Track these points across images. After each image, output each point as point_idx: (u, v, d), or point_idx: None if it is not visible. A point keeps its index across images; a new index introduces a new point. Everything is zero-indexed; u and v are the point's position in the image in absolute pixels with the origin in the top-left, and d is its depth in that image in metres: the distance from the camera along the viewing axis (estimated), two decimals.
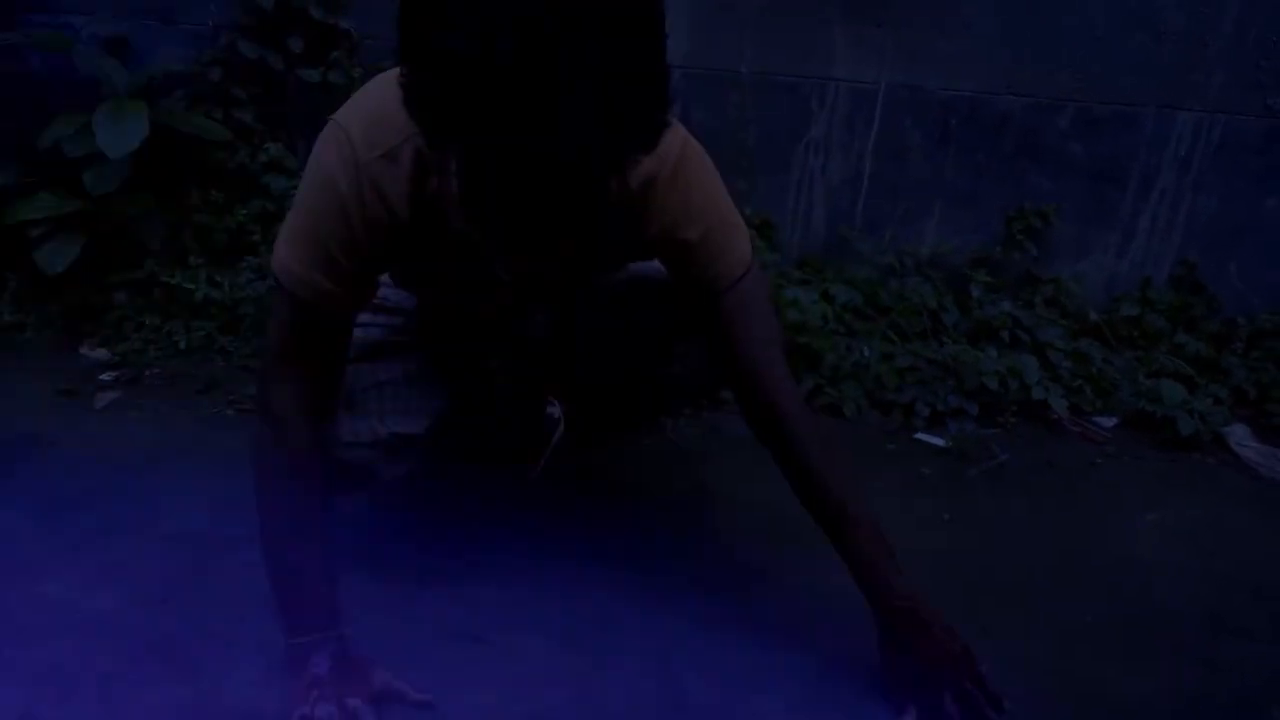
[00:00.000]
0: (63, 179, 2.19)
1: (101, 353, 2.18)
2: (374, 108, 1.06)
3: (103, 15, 2.35)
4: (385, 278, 1.34)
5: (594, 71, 0.76)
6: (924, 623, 1.18)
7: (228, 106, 2.36)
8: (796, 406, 1.27)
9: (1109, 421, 2.16)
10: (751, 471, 1.34)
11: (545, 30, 0.74)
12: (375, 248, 1.10)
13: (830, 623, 1.35)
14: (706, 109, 2.44)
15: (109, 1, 2.37)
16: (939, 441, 2.02)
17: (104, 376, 2.07)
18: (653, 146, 0.87)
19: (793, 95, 2.44)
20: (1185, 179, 2.50)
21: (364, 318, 1.35)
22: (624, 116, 0.80)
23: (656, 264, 1.32)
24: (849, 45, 2.40)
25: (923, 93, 2.44)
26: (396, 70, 0.90)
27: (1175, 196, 2.51)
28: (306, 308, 1.11)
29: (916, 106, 2.45)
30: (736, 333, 1.25)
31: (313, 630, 1.14)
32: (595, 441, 1.75)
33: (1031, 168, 2.50)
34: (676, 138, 1.16)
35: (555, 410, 1.74)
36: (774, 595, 1.45)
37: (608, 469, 1.82)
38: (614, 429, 1.77)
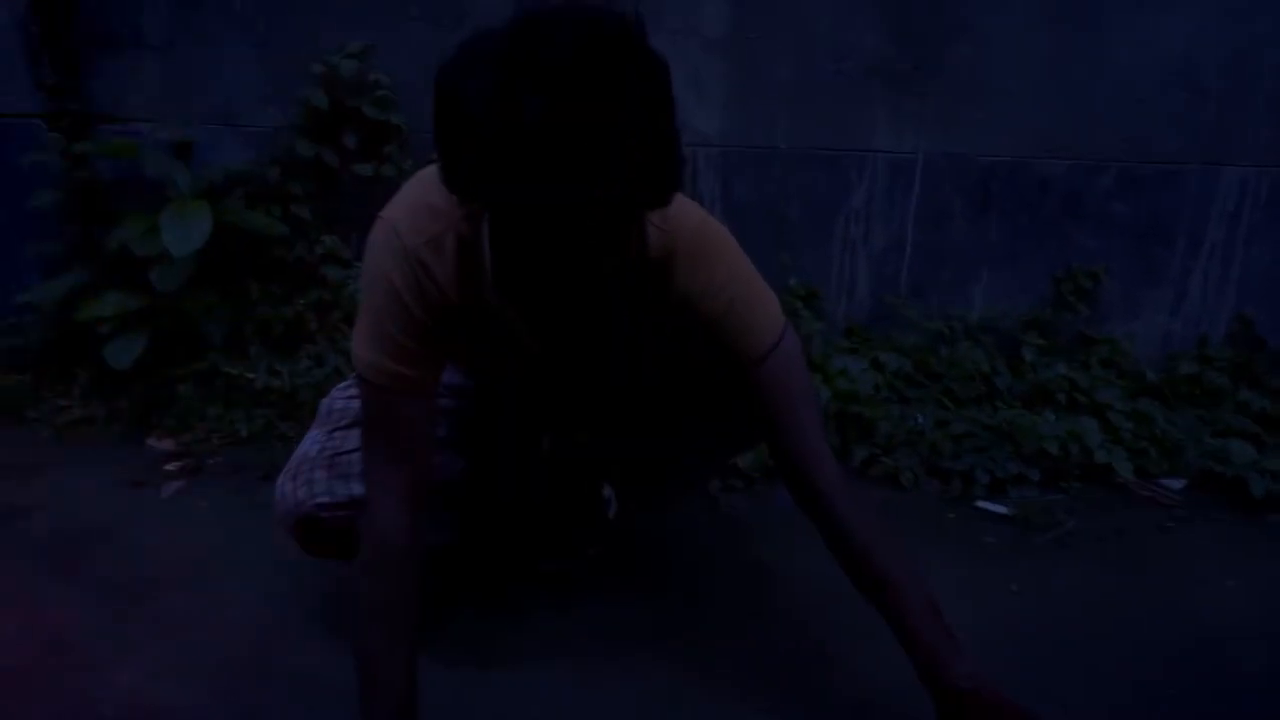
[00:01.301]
0: (129, 277, 2.28)
1: (167, 443, 2.23)
2: (417, 199, 1.14)
3: (168, 122, 2.47)
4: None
5: (614, 127, 0.84)
6: (987, 705, 1.13)
7: (285, 202, 2.45)
8: (838, 481, 1.26)
9: (1177, 484, 2.10)
10: (808, 544, 1.32)
11: (571, 91, 0.82)
12: (435, 328, 1.15)
13: (894, 705, 1.31)
14: (746, 184, 2.48)
15: (175, 109, 2.49)
16: (1001, 509, 1.98)
17: (169, 467, 2.12)
18: (667, 198, 0.95)
19: (832, 168, 2.48)
20: (1236, 234, 2.47)
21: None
22: (640, 169, 0.88)
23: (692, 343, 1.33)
24: (886, 116, 2.44)
25: (962, 159, 2.46)
26: (434, 166, 1.03)
27: (1226, 252, 2.49)
28: (384, 392, 1.16)
29: (956, 173, 2.47)
30: (773, 407, 1.26)
31: (389, 718, 1.13)
32: (644, 509, 1.76)
33: (1076, 229, 2.50)
34: (695, 212, 1.21)
35: (608, 494, 1.76)
36: (835, 676, 1.42)
37: (663, 546, 1.81)
38: (657, 500, 1.78)
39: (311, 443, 1.39)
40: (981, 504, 2.00)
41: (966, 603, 1.61)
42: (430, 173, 1.12)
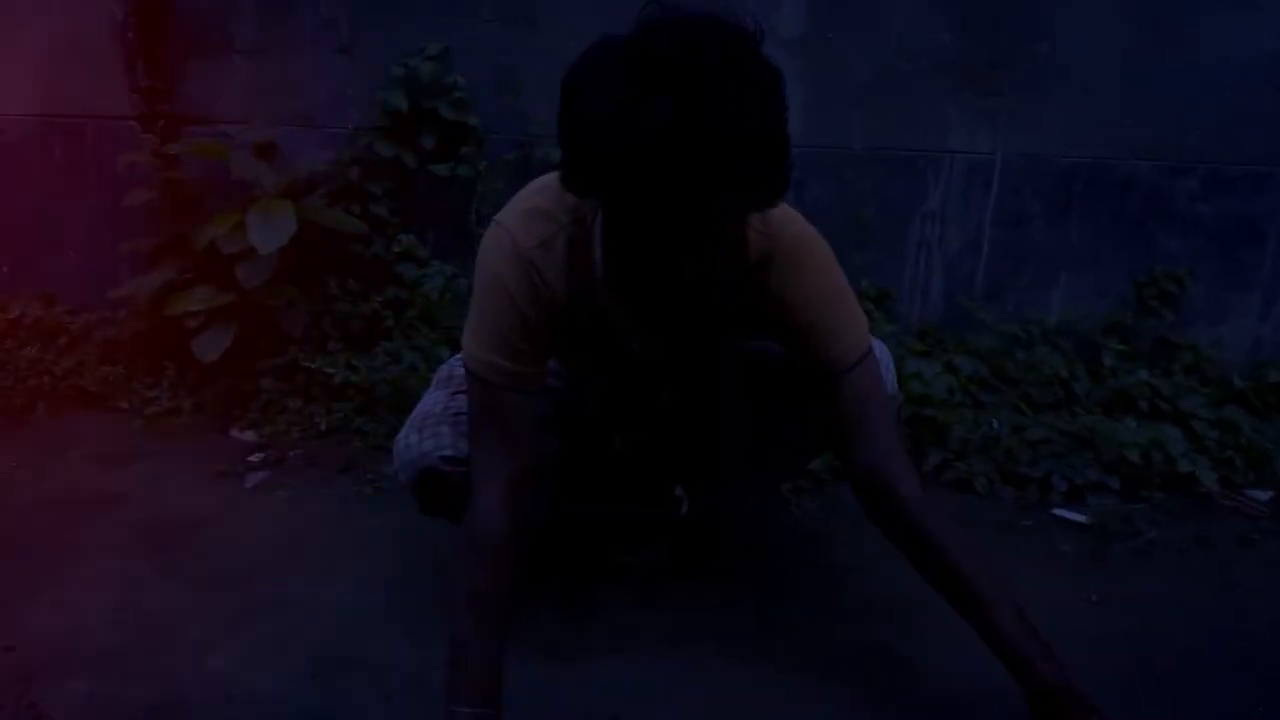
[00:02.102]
0: (217, 273, 2.36)
1: (250, 435, 2.31)
2: (528, 205, 1.20)
3: (255, 124, 2.55)
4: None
5: (735, 129, 0.88)
6: (1076, 697, 1.12)
7: (364, 201, 2.51)
8: (920, 493, 1.25)
9: (1263, 495, 2.04)
10: (879, 546, 1.31)
11: (696, 92, 0.87)
12: (543, 327, 1.21)
13: (965, 708, 1.30)
14: (821, 185, 2.46)
15: (260, 111, 2.57)
16: (1079, 518, 1.93)
17: (252, 458, 2.19)
18: (777, 200, 0.99)
19: (907, 168, 2.45)
20: None
21: None
22: (756, 171, 0.93)
23: (773, 346, 1.35)
24: (962, 116, 2.40)
25: (1041, 160, 2.41)
26: (544, 176, 1.18)
27: None
28: (493, 389, 1.22)
29: (1035, 174, 2.42)
30: (855, 418, 1.27)
31: (473, 704, 1.15)
32: (717, 518, 1.77)
33: (1159, 231, 2.43)
34: (797, 219, 1.24)
35: (679, 493, 1.77)
36: (906, 678, 1.41)
37: (735, 546, 1.81)
38: (733, 508, 1.78)
39: (434, 401, 1.44)
40: (1058, 512, 1.97)
41: (1044, 612, 1.57)
42: (541, 181, 1.22)
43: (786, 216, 1.22)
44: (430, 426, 1.39)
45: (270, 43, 2.55)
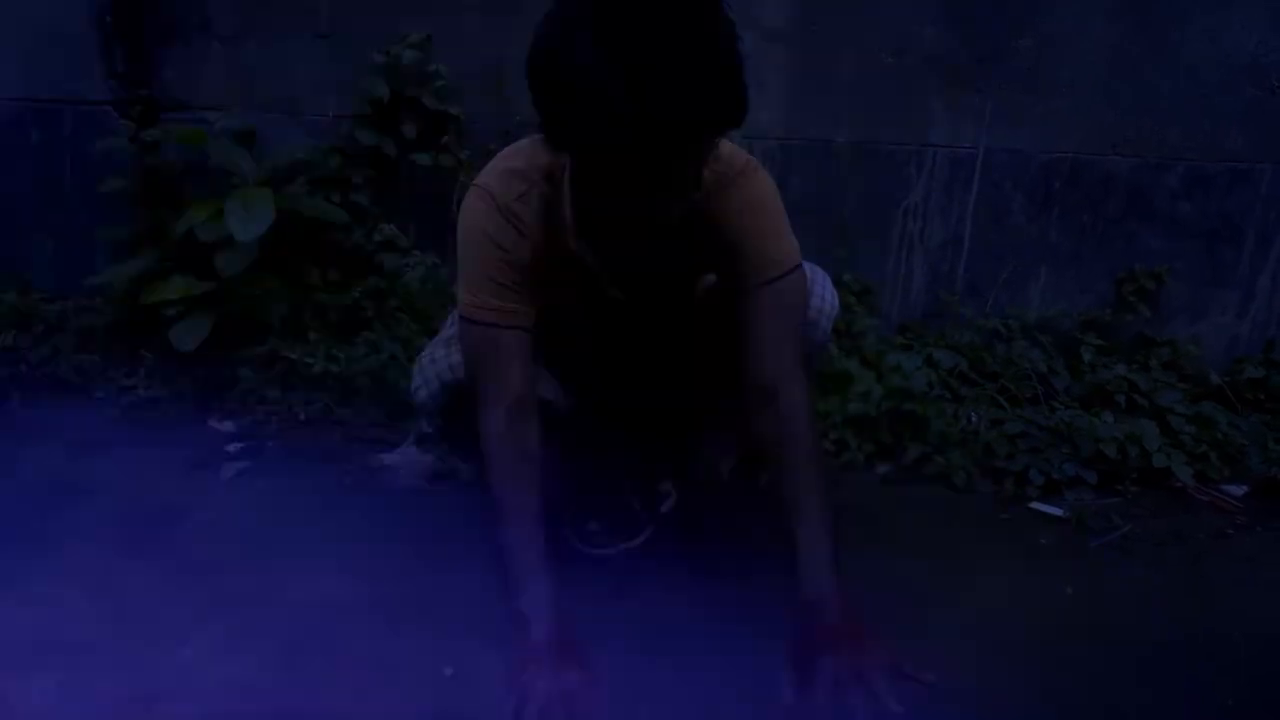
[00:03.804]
0: (195, 262, 2.34)
1: (228, 425, 2.29)
2: (504, 168, 1.32)
3: (234, 110, 2.52)
4: None
5: (699, 53, 1.00)
6: (827, 622, 1.15)
7: (345, 190, 2.49)
8: (803, 402, 1.29)
9: (1238, 489, 2.06)
10: (857, 548, 1.31)
11: (660, 28, 0.98)
12: (521, 265, 1.31)
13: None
14: (804, 178, 2.47)
15: (240, 98, 2.55)
16: (1056, 511, 1.95)
17: (230, 448, 2.17)
18: (741, 118, 1.07)
19: (890, 162, 2.45)
20: None
21: None
22: (719, 91, 1.03)
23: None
24: (946, 111, 2.41)
25: (1023, 156, 2.42)
26: (518, 143, 1.33)
27: None
28: (486, 328, 1.31)
29: (1017, 169, 2.43)
30: (757, 331, 1.31)
31: (535, 594, 1.19)
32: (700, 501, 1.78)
33: (1140, 228, 2.45)
34: (749, 160, 1.35)
35: (667, 487, 1.77)
36: None
37: (716, 538, 1.80)
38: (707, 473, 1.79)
39: (452, 325, 1.50)
40: (1036, 505, 1.98)
41: (1020, 604, 1.60)
42: (514, 146, 1.34)
43: (734, 151, 1.33)
44: (456, 343, 1.45)
45: (250, 28, 2.52)
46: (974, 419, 2.15)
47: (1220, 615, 1.60)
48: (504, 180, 1.31)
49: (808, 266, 1.41)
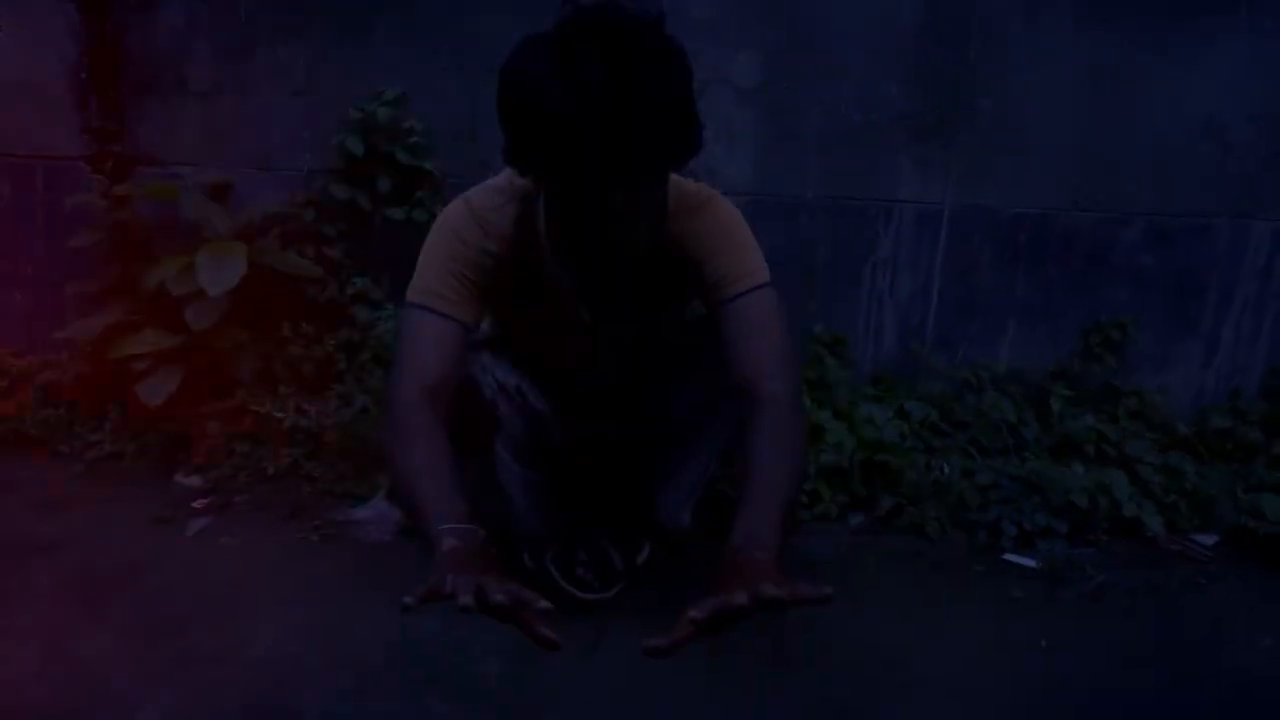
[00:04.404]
0: (166, 316, 2.32)
1: (195, 479, 2.25)
2: (488, 184, 1.41)
3: (208, 165, 2.53)
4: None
5: (654, 89, 1.06)
6: (744, 561, 1.03)
7: (318, 244, 2.50)
8: (785, 394, 1.24)
9: (1208, 539, 2.07)
10: (838, 593, 1.30)
11: (622, 64, 1.04)
12: (482, 266, 1.36)
13: None
14: (774, 233, 2.49)
15: (214, 152, 2.56)
16: (1029, 562, 1.95)
17: (196, 504, 2.13)
18: (694, 150, 1.15)
19: (859, 217, 2.49)
20: (1268, 287, 2.46)
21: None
22: (674, 125, 1.10)
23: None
24: (913, 168, 2.45)
25: (989, 211, 2.46)
26: (504, 171, 1.35)
27: (1259, 305, 2.47)
28: (420, 311, 1.32)
29: (983, 224, 2.47)
30: (738, 337, 1.31)
31: (450, 520, 1.09)
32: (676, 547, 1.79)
33: (1104, 281, 2.49)
34: (714, 191, 1.42)
35: (643, 545, 1.77)
36: None
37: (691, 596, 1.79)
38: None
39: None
40: (1009, 557, 1.98)
41: (995, 658, 1.59)
42: (501, 175, 1.40)
43: (700, 185, 1.41)
44: (474, 349, 1.52)
45: (225, 84, 2.54)
46: (946, 470, 2.16)
47: (1195, 664, 1.60)
48: (484, 193, 1.40)
49: None
